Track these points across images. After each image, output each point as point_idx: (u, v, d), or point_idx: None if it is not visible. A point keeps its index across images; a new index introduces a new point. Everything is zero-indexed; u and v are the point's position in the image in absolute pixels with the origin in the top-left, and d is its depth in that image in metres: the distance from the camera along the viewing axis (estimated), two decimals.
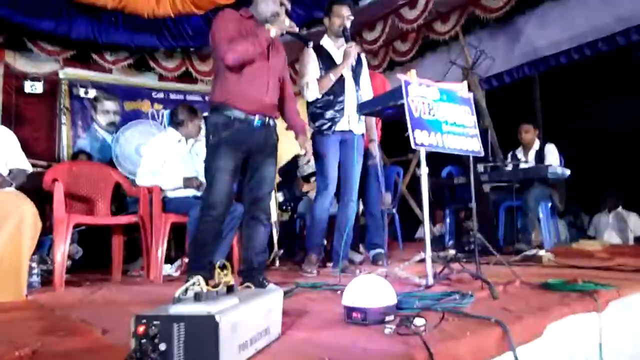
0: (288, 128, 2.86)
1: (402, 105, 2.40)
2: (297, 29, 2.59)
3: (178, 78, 6.71)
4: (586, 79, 5.35)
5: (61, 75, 6.11)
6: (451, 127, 2.58)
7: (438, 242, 4.84)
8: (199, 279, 1.31)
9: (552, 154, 4.41)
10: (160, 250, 3.39)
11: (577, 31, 5.14)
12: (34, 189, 3.22)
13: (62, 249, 3.14)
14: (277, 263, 4.12)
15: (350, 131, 3.25)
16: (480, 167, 4.34)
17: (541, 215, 4.23)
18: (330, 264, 3.47)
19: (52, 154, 5.90)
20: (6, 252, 2.65)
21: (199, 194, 3.68)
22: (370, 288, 1.63)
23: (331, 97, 3.19)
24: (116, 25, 5.18)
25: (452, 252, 3.81)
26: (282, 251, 4.42)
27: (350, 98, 3.24)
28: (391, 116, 2.81)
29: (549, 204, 4.35)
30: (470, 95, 2.76)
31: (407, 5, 5.61)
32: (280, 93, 2.71)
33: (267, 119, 2.60)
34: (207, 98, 6.68)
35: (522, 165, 4.43)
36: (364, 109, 2.89)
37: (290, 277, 3.15)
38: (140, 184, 3.62)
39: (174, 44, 5.73)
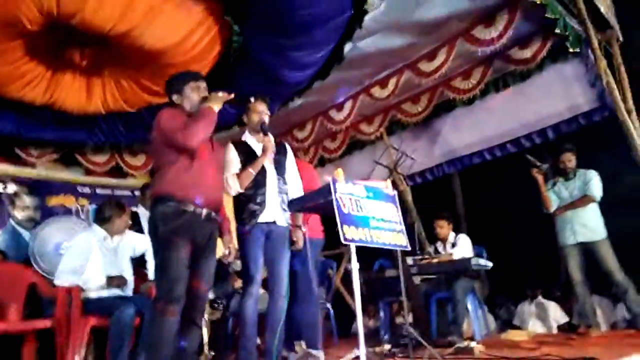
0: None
1: (331, 201, 2.51)
2: (232, 95, 2.70)
3: (107, 172, 6.56)
4: (502, 174, 5.85)
5: None
6: (378, 222, 2.71)
7: (373, 336, 4.79)
8: None
9: (462, 245, 4.62)
10: (77, 357, 3.11)
11: (487, 134, 5.71)
12: None
13: None
14: None
15: (274, 222, 3.22)
16: (410, 260, 4.47)
17: (470, 307, 4.35)
18: None
19: None
20: None
21: (123, 293, 3.49)
22: None
23: (252, 191, 3.17)
24: (44, 121, 5.06)
25: (387, 347, 3.78)
26: (212, 353, 4.18)
27: (272, 189, 3.22)
28: (321, 212, 2.90)
29: (475, 296, 4.50)
30: (395, 192, 2.92)
31: (335, 108, 6.01)
32: None
33: (213, 213, 2.64)
34: (136, 192, 6.59)
35: (444, 258, 4.61)
36: (293, 205, 2.96)
37: None
38: (58, 284, 3.38)
39: (104, 139, 5.66)
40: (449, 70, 5.04)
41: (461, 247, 4.57)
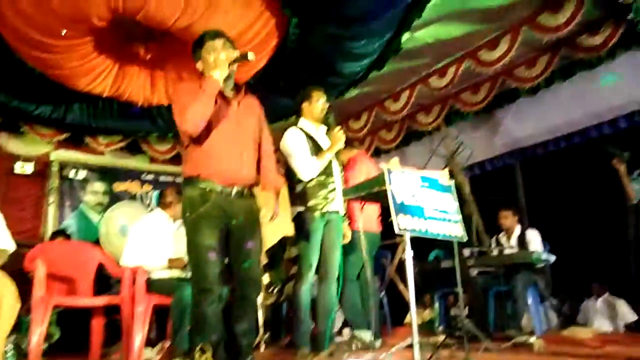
0: (262, 188, 2.64)
1: (385, 190, 2.49)
2: (236, 54, 2.38)
3: (169, 160, 6.85)
4: (566, 166, 5.57)
5: (52, 157, 6.21)
6: (434, 212, 2.66)
7: (427, 327, 4.74)
8: None
9: (534, 240, 4.47)
10: (141, 333, 3.28)
11: (552, 124, 5.45)
12: (16, 269, 3.17)
13: (39, 332, 3.03)
14: (263, 348, 3.99)
15: (337, 212, 3.28)
16: (467, 252, 4.37)
17: (530, 302, 4.21)
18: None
19: (36, 234, 5.83)
20: None
21: (183, 274, 3.65)
22: None
23: (323, 178, 3.21)
24: (111, 112, 5.35)
25: (441, 338, 3.73)
26: (267, 335, 4.29)
27: (338, 179, 3.31)
28: (375, 201, 2.89)
29: (536, 290, 4.35)
30: (452, 183, 2.86)
31: (391, 98, 5.94)
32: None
33: (246, 189, 2.44)
34: None
35: (507, 251, 4.47)
36: (348, 194, 2.97)
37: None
38: (124, 264, 3.58)
39: (167, 129, 5.90)
40: (511, 58, 4.85)
41: (532, 244, 4.42)
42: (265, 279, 4.82)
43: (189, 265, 2.47)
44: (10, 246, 3.07)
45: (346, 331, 3.99)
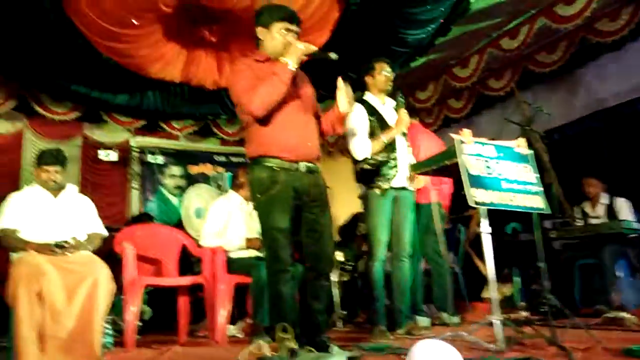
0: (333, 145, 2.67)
1: (457, 163, 2.41)
2: (314, 48, 2.34)
3: (238, 142, 7.02)
4: None
5: (132, 144, 6.56)
6: (511, 184, 2.54)
7: (507, 303, 4.60)
8: (260, 343, 1.33)
9: (624, 209, 4.18)
10: (224, 311, 3.43)
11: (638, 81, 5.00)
12: (105, 252, 3.40)
13: (133, 310, 3.25)
14: (339, 324, 4.05)
15: (404, 188, 3.24)
16: (548, 224, 4.17)
17: (620, 274, 3.96)
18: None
19: (122, 218, 6.23)
20: (83, 314, 2.77)
21: (261, 254, 3.76)
22: (435, 354, 1.57)
23: (385, 154, 3.19)
24: (182, 97, 5.54)
25: (523, 314, 3.62)
26: (344, 313, 4.36)
27: (403, 154, 3.26)
28: (446, 174, 2.80)
29: (627, 262, 4.08)
30: (530, 151, 2.71)
31: (459, 64, 5.69)
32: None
33: (313, 164, 2.42)
34: None
35: (593, 221, 4.21)
36: (418, 168, 2.91)
37: (353, 339, 3.08)
38: (204, 245, 3.74)
39: (235, 111, 6.02)
40: (592, 11, 4.47)
41: (622, 213, 4.14)
42: (339, 256, 4.87)
43: (263, 246, 2.51)
44: (104, 231, 3.30)
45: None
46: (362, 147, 3.16)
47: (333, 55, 2.30)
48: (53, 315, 2.71)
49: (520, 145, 2.72)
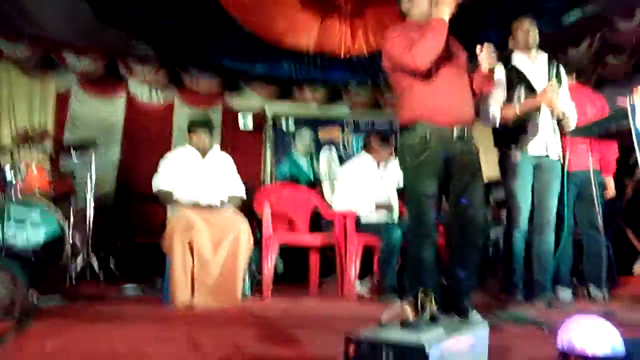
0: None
1: (627, 129, 2.13)
2: None
3: (367, 108, 7.02)
4: None
5: (267, 110, 6.89)
6: None
7: None
8: (405, 306, 1.31)
9: None
10: (353, 269, 3.52)
11: None
12: (245, 208, 3.65)
13: (269, 263, 3.48)
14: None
15: (547, 156, 2.99)
16: None
17: None
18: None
19: (258, 179, 6.64)
20: (226, 264, 3.06)
21: (389, 218, 3.76)
22: (591, 331, 1.43)
23: (524, 119, 2.96)
24: (315, 65, 5.66)
25: None
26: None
27: (545, 118, 2.98)
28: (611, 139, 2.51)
29: None
30: None
31: (622, 15, 4.97)
32: None
33: (466, 129, 2.38)
34: (394, 125, 6.94)
35: None
36: (577, 134, 2.64)
37: (487, 306, 2.97)
38: (336, 208, 3.83)
39: (365, 77, 6.04)
40: None
41: None
42: None
43: (407, 210, 2.53)
44: (243, 194, 3.57)
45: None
46: (488, 115, 2.94)
47: None
48: (201, 263, 3.02)
49: None
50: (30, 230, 3.43)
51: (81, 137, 5.44)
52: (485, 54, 2.37)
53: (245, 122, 6.64)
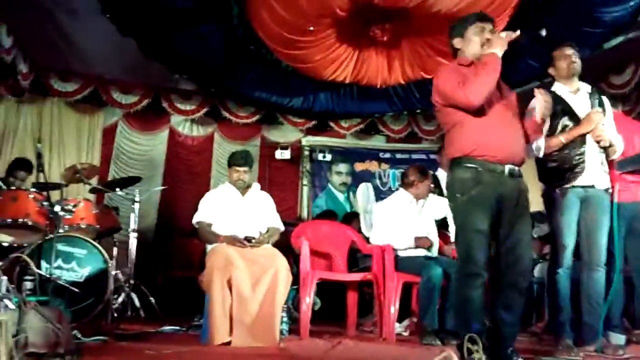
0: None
1: None
2: (517, 33, 2.36)
3: (404, 138, 7.00)
4: None
5: (303, 143, 6.97)
6: None
7: None
8: (450, 354, 1.27)
9: None
10: (393, 308, 3.44)
11: None
12: (282, 244, 3.65)
13: (307, 301, 3.44)
14: None
15: (593, 186, 2.87)
16: None
17: None
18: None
19: (294, 213, 6.67)
20: (265, 302, 3.02)
21: (429, 254, 3.68)
22: None
23: (568, 150, 2.86)
24: (351, 96, 5.72)
25: None
26: None
27: (592, 148, 2.87)
28: None
29: None
30: None
31: None
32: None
33: (517, 168, 2.37)
34: (431, 156, 6.88)
35: None
36: (625, 165, 2.54)
37: (533, 351, 2.84)
38: (373, 243, 3.79)
39: (402, 107, 6.04)
40: None
41: None
42: None
43: (456, 247, 2.47)
44: (282, 227, 3.57)
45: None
46: (532, 147, 2.84)
47: (543, 32, 2.32)
48: (240, 301, 3.00)
49: None
50: (76, 265, 3.52)
51: (126, 172, 5.63)
52: (540, 101, 2.37)
53: (282, 154, 6.72)
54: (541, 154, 2.90)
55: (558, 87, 3.03)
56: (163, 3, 3.94)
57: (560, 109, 2.94)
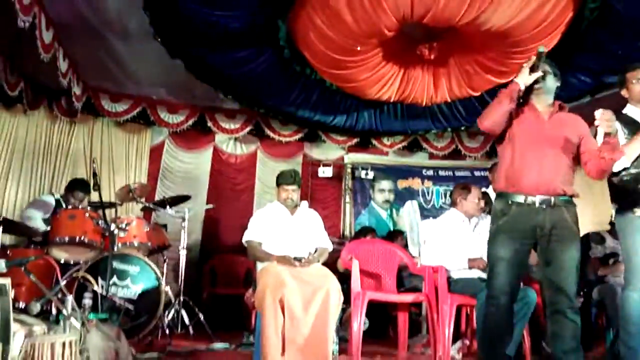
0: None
1: None
2: (535, 75, 2.44)
3: (447, 156, 6.90)
4: None
5: (346, 160, 6.94)
6: None
7: None
8: None
9: None
10: (447, 331, 3.35)
11: None
12: (330, 264, 3.62)
13: (358, 321, 3.39)
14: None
15: None
16: None
17: None
18: None
19: (337, 231, 6.63)
20: (317, 322, 2.99)
21: (484, 275, 3.57)
22: None
23: (638, 170, 2.72)
24: (395, 114, 5.71)
25: None
26: None
27: None
28: None
29: None
30: None
31: None
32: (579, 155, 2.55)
33: (552, 198, 2.44)
34: (475, 173, 6.75)
35: None
36: None
37: None
38: (424, 263, 3.71)
39: (446, 124, 5.97)
40: None
41: None
42: None
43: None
44: (330, 246, 3.56)
45: None
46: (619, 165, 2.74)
47: (541, 49, 2.38)
48: (292, 322, 2.98)
49: None
50: (130, 282, 3.60)
51: (172, 190, 5.74)
52: (602, 122, 2.32)
53: (324, 171, 6.72)
54: (610, 172, 2.78)
55: (630, 110, 2.90)
56: (215, 27, 4.02)
57: (633, 134, 2.80)
